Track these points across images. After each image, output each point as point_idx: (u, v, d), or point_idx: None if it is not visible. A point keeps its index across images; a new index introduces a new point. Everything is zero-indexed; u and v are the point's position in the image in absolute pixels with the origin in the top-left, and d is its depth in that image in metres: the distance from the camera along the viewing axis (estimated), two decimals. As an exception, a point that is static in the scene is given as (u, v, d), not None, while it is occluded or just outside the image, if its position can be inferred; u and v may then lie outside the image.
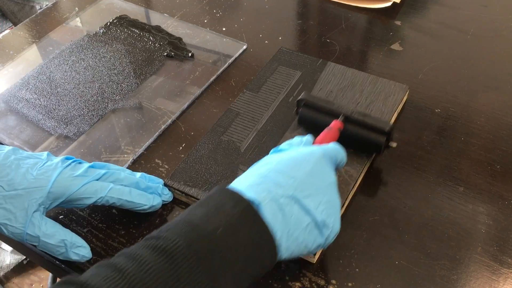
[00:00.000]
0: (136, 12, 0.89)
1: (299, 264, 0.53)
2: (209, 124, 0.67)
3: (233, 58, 0.78)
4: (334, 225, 0.46)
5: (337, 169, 0.51)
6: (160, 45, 0.81)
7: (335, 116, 0.59)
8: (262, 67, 0.74)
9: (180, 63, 0.78)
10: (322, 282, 0.52)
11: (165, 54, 0.79)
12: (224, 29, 0.84)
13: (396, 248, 0.54)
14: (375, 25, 0.84)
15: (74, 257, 0.53)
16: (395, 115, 0.67)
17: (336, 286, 0.52)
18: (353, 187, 0.58)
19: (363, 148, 0.60)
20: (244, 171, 0.60)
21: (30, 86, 0.75)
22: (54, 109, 0.71)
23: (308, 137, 0.53)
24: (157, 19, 0.87)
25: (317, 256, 0.53)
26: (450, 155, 0.63)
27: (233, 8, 0.89)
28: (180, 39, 0.82)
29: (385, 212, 0.57)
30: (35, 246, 0.52)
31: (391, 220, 0.56)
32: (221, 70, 0.77)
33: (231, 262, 0.39)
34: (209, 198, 0.43)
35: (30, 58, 0.81)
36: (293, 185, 0.44)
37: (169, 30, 0.84)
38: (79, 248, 0.53)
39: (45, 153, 0.55)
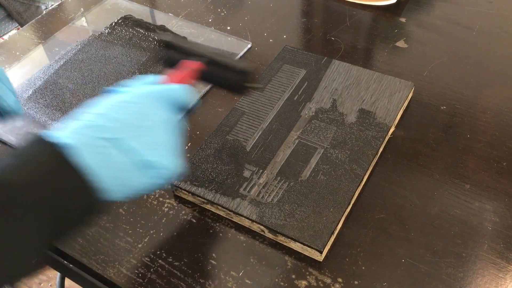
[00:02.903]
0: (141, 12, 0.89)
1: (305, 263, 0.54)
2: (215, 123, 0.67)
3: (237, 57, 0.79)
4: (166, 165, 0.45)
5: (188, 111, 0.51)
6: (165, 44, 0.81)
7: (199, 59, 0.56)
8: (266, 66, 0.74)
9: (185, 63, 0.78)
10: (328, 280, 0.52)
11: (170, 53, 0.79)
12: (228, 28, 0.84)
13: (402, 246, 0.54)
14: (379, 22, 0.84)
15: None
16: (401, 112, 0.67)
17: (342, 284, 0.52)
18: (358, 185, 0.58)
19: (224, 86, 0.58)
20: (250, 170, 0.60)
21: (37, 87, 0.76)
22: (60, 110, 0.72)
23: (153, 77, 0.51)
24: (161, 18, 0.87)
25: (323, 255, 0.53)
26: (456, 152, 0.63)
27: (238, 7, 0.89)
28: (185, 38, 0.82)
29: (391, 210, 0.57)
30: None
31: (397, 218, 0.57)
32: (226, 69, 0.77)
33: (36, 210, 0.39)
34: (17, 152, 0.42)
35: (36, 59, 0.82)
36: (116, 126, 0.43)
37: (174, 29, 0.84)
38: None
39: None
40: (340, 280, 0.52)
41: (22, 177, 0.39)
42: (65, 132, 0.43)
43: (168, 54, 0.58)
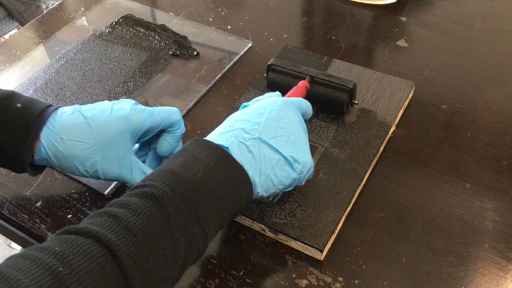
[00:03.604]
0: (141, 11, 0.89)
1: (306, 262, 0.54)
2: (215, 122, 0.67)
3: (238, 56, 0.79)
4: (304, 160, 0.50)
5: (305, 120, 0.56)
6: (165, 44, 0.81)
7: (302, 78, 0.64)
8: (267, 65, 0.74)
9: (186, 62, 0.78)
10: (329, 280, 0.52)
11: (171, 52, 0.80)
12: (229, 27, 0.84)
13: (403, 245, 0.54)
14: (380, 21, 0.84)
15: None
16: (401, 111, 0.67)
17: (343, 283, 0.52)
18: (359, 184, 0.58)
19: (330, 107, 0.65)
20: (250, 169, 0.60)
21: (37, 86, 0.76)
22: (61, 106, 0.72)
23: (277, 93, 0.57)
24: (162, 18, 0.87)
25: (324, 254, 0.53)
26: (457, 151, 0.63)
27: (238, 6, 0.89)
28: (185, 37, 0.82)
29: (392, 209, 0.57)
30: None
31: (397, 217, 0.57)
32: (226, 68, 0.77)
33: (212, 201, 0.44)
34: (184, 150, 0.47)
35: (37, 58, 0.82)
36: (258, 129, 0.49)
37: (174, 29, 0.84)
38: None
39: (106, 102, 0.56)
40: (340, 279, 0.52)
41: (197, 175, 0.44)
42: (215, 137, 0.49)
43: (271, 76, 0.67)
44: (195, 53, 0.79)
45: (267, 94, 0.56)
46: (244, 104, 0.55)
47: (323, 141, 0.63)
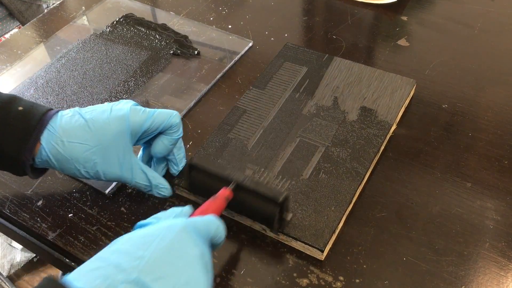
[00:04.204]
0: (142, 10, 0.89)
1: (306, 261, 0.54)
2: (216, 121, 0.67)
3: (239, 56, 0.79)
4: None
5: (216, 246, 0.46)
6: (166, 43, 0.81)
7: (228, 183, 0.52)
8: (268, 64, 0.74)
9: (186, 61, 0.78)
10: (330, 279, 0.52)
11: (171, 52, 0.80)
12: (230, 26, 0.84)
13: (404, 244, 0.54)
14: (381, 20, 0.84)
15: (157, 195, 0.58)
16: (402, 110, 0.67)
17: (343, 282, 0.52)
18: (360, 183, 0.58)
19: (257, 218, 0.55)
20: (251, 169, 0.60)
21: (38, 86, 0.76)
22: (61, 108, 0.72)
23: (186, 208, 0.47)
24: (163, 17, 0.87)
25: (325, 253, 0.53)
26: (458, 150, 0.63)
27: (239, 6, 0.89)
28: (186, 37, 0.82)
29: (393, 208, 0.57)
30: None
31: (398, 217, 0.57)
32: (227, 67, 0.77)
33: None
34: None
35: (38, 58, 0.82)
36: (139, 267, 0.37)
37: (175, 28, 0.84)
38: (161, 189, 0.58)
39: (106, 104, 0.56)
40: (341, 278, 0.52)
41: None
42: (79, 276, 0.38)
43: (192, 177, 0.56)
44: (195, 52, 0.79)
45: (173, 209, 0.47)
46: (140, 223, 0.45)
47: (324, 140, 0.63)
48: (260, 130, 0.65)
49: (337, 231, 0.55)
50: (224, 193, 0.51)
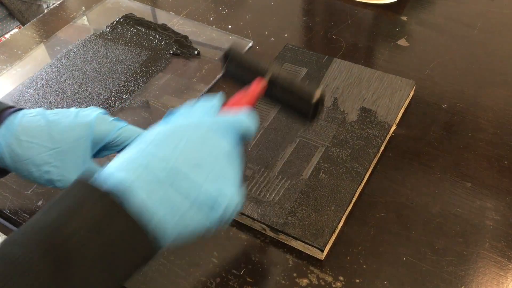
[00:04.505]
0: (142, 10, 0.89)
1: (306, 261, 0.54)
2: (216, 121, 0.67)
3: (239, 56, 0.79)
4: (230, 197, 0.40)
5: (246, 140, 0.46)
6: (166, 43, 0.81)
7: (262, 74, 0.51)
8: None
9: (186, 61, 0.78)
10: (330, 279, 0.52)
11: (171, 52, 0.80)
12: (229, 26, 0.84)
13: (404, 244, 0.54)
14: (381, 20, 0.84)
15: None
16: (402, 110, 0.67)
17: (343, 282, 0.52)
18: (360, 183, 0.58)
19: (290, 111, 0.53)
20: (252, 169, 0.60)
21: (38, 86, 0.76)
22: (62, 108, 0.72)
23: (216, 101, 0.46)
24: (163, 17, 0.87)
25: (325, 253, 0.53)
26: (457, 150, 0.63)
27: (239, 6, 0.89)
28: (186, 37, 0.82)
29: (392, 208, 0.57)
30: None
31: (398, 217, 0.57)
32: (227, 67, 0.77)
33: (93, 268, 0.35)
34: (65, 195, 0.38)
35: (38, 58, 0.82)
36: (174, 156, 0.39)
37: (175, 28, 0.84)
38: None
39: (73, 108, 0.55)
40: (341, 278, 0.52)
41: (77, 232, 0.35)
42: (118, 165, 0.38)
43: (228, 67, 0.55)
44: (195, 52, 0.79)
45: (204, 101, 0.46)
46: (170, 111, 0.46)
47: (324, 140, 0.63)
48: (260, 130, 0.65)
49: (337, 231, 0.55)
50: (258, 84, 0.50)
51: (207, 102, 0.46)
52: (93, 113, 0.53)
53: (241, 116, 0.45)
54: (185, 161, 0.39)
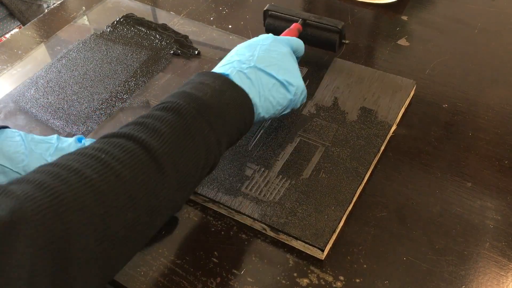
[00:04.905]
0: (142, 10, 0.89)
1: (307, 261, 0.54)
2: (216, 121, 0.67)
3: (239, 55, 0.79)
4: (297, 83, 0.57)
5: (298, 58, 0.64)
6: (166, 43, 0.81)
7: (296, 21, 0.71)
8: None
9: (187, 61, 0.78)
10: (330, 279, 0.52)
11: (172, 52, 0.80)
12: (230, 26, 0.84)
13: (404, 244, 0.54)
14: (381, 20, 0.84)
15: None
16: (402, 110, 0.67)
17: (344, 282, 0.52)
18: (360, 183, 0.58)
19: (322, 46, 0.72)
20: (252, 168, 0.60)
21: (39, 86, 0.76)
22: (62, 108, 0.72)
23: (270, 34, 0.62)
24: (163, 17, 0.87)
25: (325, 253, 0.53)
26: (458, 150, 0.63)
27: (239, 5, 0.89)
28: (186, 37, 0.82)
29: (393, 208, 0.57)
30: None
31: (398, 216, 0.57)
32: (227, 67, 0.77)
33: (221, 116, 0.49)
34: (191, 80, 0.53)
35: (38, 58, 0.82)
36: (253, 59, 0.55)
37: (176, 28, 0.84)
38: None
39: (54, 136, 0.57)
40: (341, 278, 0.52)
41: (206, 94, 0.50)
42: (215, 70, 0.55)
43: (269, 22, 0.73)
44: (196, 52, 0.79)
45: (261, 36, 0.61)
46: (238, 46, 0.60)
47: (324, 140, 0.63)
48: (260, 130, 0.65)
49: (337, 231, 0.55)
50: (296, 25, 0.69)
51: (264, 35, 0.62)
52: (71, 147, 0.57)
53: (292, 37, 0.64)
54: (261, 61, 0.56)
